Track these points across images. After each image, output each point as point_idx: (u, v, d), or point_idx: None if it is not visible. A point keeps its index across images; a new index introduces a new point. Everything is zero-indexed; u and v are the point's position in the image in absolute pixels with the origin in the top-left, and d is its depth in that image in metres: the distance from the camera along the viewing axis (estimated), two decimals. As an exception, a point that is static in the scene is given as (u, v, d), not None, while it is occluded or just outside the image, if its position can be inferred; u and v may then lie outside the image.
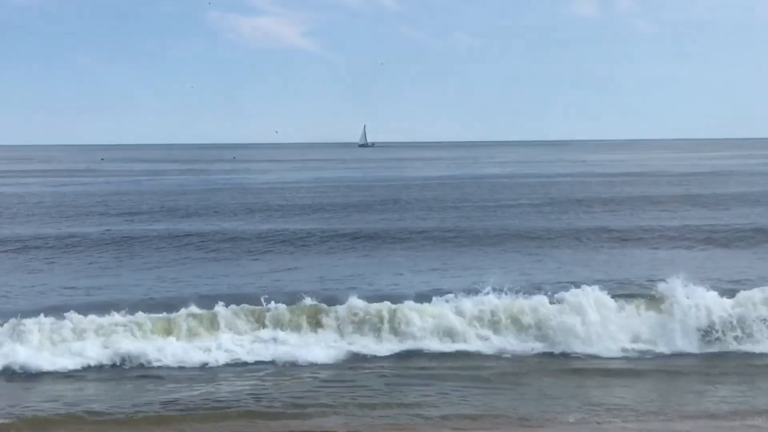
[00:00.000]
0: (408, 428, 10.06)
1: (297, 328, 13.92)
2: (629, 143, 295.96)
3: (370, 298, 14.90)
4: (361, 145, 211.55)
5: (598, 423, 10.14)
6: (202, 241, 24.95)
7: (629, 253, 21.99)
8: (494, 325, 13.97)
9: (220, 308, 14.18)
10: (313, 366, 12.65)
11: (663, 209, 33.22)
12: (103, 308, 14.45)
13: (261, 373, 12.40)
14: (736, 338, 13.74)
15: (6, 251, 23.38)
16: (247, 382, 11.96)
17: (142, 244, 24.50)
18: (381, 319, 13.93)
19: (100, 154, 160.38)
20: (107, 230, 27.57)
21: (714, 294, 14.54)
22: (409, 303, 14.47)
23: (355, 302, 14.32)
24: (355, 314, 14.03)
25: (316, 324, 14.06)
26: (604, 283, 15.72)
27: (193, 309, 14.24)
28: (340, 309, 14.23)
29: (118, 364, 12.79)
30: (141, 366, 12.72)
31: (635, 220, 29.43)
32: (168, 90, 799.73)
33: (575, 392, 11.42)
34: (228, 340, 13.45)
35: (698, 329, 13.82)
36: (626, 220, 29.50)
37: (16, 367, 12.45)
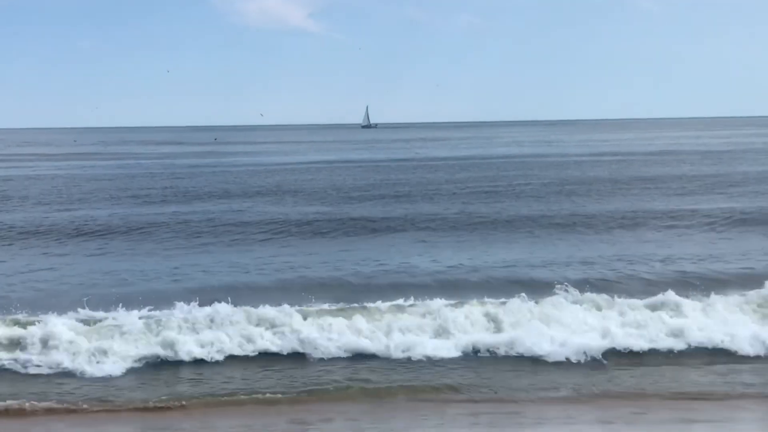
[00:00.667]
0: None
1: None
2: (636, 122, 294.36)
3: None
4: (363, 126, 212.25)
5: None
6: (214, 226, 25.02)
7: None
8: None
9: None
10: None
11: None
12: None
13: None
14: None
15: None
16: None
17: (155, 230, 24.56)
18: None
19: (119, 138, 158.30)
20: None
21: None
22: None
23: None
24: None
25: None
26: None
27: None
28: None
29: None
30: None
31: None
32: (171, 72, 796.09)
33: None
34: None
35: None
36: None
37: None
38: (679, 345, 12.99)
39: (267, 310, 13.96)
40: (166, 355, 12.78)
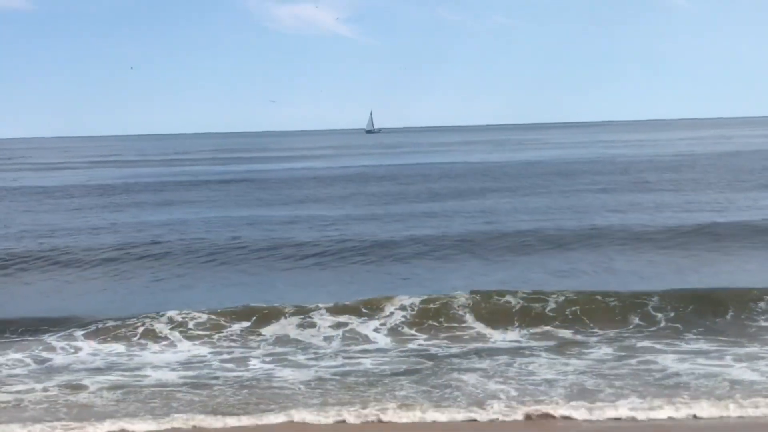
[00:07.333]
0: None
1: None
2: (670, 123, 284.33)
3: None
4: (368, 132, 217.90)
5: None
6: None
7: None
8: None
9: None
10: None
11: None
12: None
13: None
14: None
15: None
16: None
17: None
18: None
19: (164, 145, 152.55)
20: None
21: None
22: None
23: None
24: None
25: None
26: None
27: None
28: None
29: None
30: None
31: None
32: (202, 79, 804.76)
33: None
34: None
35: None
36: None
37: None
38: None
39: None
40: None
